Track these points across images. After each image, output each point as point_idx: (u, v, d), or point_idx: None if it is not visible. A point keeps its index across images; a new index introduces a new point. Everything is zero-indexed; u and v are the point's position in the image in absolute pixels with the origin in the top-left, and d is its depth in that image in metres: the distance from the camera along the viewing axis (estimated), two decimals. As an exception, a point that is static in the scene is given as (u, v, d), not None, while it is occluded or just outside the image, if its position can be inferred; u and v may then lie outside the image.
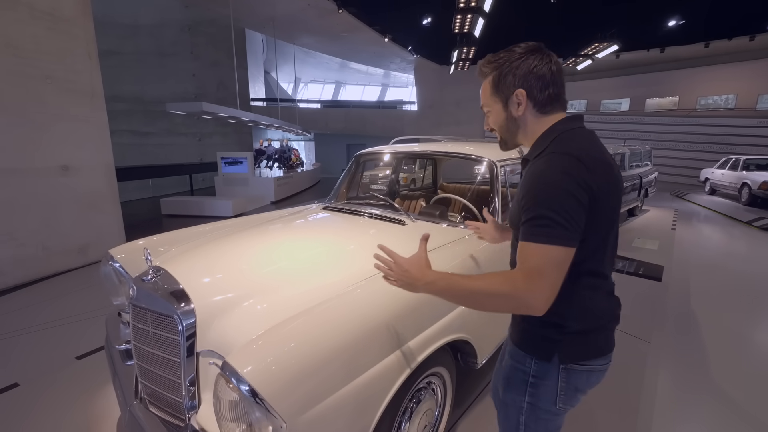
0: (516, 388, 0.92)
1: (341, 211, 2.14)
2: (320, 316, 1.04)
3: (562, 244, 0.73)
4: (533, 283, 0.73)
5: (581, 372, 0.86)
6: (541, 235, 0.74)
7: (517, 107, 0.86)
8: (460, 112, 17.60)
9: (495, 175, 1.96)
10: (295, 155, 12.89)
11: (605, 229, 0.80)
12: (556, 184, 0.73)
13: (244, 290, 1.24)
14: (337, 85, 26.78)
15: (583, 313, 0.85)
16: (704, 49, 13.38)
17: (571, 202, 0.73)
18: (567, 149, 0.77)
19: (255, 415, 0.81)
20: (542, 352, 0.87)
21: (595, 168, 0.75)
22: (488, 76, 0.90)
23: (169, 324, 1.14)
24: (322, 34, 13.58)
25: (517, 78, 0.85)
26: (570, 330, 0.85)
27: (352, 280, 1.29)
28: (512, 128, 0.91)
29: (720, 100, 15.26)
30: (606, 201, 0.77)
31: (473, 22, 9.55)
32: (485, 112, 0.95)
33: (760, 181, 7.97)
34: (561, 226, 0.72)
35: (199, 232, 2.01)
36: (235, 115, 8.75)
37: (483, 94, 0.93)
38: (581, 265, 0.79)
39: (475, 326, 1.48)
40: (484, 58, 0.91)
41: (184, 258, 1.44)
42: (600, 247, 0.81)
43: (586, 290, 0.84)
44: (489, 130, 0.98)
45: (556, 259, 0.74)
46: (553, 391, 0.87)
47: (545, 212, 0.73)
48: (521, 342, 0.91)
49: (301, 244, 1.66)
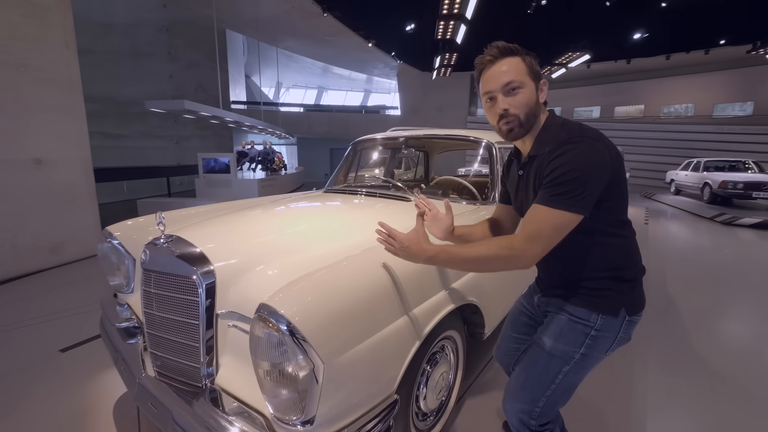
0: (572, 341, 0.96)
1: (344, 193, 2.16)
2: (347, 268, 1.05)
3: (572, 210, 0.82)
4: (530, 243, 0.84)
5: (633, 323, 0.96)
6: (556, 202, 0.83)
7: (541, 94, 0.94)
8: (443, 117, 17.96)
9: (494, 157, 2.03)
10: (278, 158, 12.72)
11: (625, 188, 0.92)
12: (592, 168, 0.83)
13: (264, 252, 1.24)
14: (319, 90, 26.74)
15: (632, 260, 0.96)
16: (666, 61, 14.34)
17: (597, 182, 0.83)
18: (593, 135, 0.86)
19: (294, 356, 0.81)
20: (611, 308, 0.93)
21: (613, 148, 0.87)
22: (518, 56, 0.91)
23: (187, 286, 1.12)
24: (306, 37, 13.60)
25: (542, 73, 0.95)
26: (628, 278, 0.94)
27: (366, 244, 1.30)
28: (537, 112, 0.93)
29: (681, 109, 16.35)
30: (623, 170, 0.90)
31: (455, 28, 9.84)
32: (513, 89, 0.89)
33: (719, 181, 8.56)
34: (577, 197, 0.82)
35: (203, 212, 1.96)
36: (218, 115, 8.57)
37: (513, 71, 0.89)
38: (620, 215, 0.92)
39: (486, 293, 1.53)
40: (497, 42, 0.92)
41: (198, 227, 1.41)
42: (626, 201, 0.94)
43: (628, 239, 0.95)
44: (504, 111, 0.91)
45: (559, 223, 0.83)
46: (610, 341, 0.95)
47: (572, 188, 0.82)
48: (585, 302, 0.95)
49: (313, 215, 1.68)
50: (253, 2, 10.36)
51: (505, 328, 1.30)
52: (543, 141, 0.93)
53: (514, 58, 0.91)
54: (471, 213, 1.79)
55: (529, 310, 1.22)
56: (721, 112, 15.33)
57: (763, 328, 2.71)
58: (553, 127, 0.93)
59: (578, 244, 0.90)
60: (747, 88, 14.54)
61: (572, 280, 0.97)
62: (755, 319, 2.88)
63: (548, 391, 0.97)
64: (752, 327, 2.75)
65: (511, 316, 1.30)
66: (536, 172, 0.93)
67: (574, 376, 0.97)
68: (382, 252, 1.21)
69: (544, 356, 0.99)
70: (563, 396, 1.00)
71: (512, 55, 0.91)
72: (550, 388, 0.97)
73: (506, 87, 0.90)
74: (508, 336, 1.28)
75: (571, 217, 0.83)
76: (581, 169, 0.82)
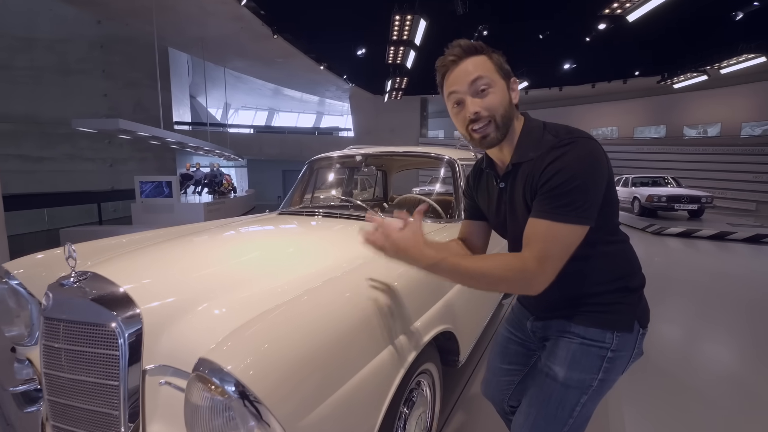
0: (588, 367, 0.86)
1: (300, 215, 1.98)
2: (308, 303, 0.89)
3: (580, 222, 0.75)
4: (543, 266, 0.75)
5: (644, 334, 0.90)
6: (561, 215, 0.75)
7: (513, 94, 0.85)
8: (396, 138, 18.34)
9: (457, 173, 1.99)
10: (227, 180, 12.08)
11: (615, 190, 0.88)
12: (592, 172, 0.76)
13: (207, 287, 1.03)
14: (270, 111, 26.26)
15: (635, 266, 0.91)
16: (591, 89, 16.06)
17: (599, 188, 0.78)
18: (582, 134, 0.80)
19: (245, 423, 0.63)
20: (624, 323, 0.86)
21: (604, 150, 0.81)
22: (483, 54, 0.83)
23: (104, 336, 0.88)
24: (256, 58, 13.35)
25: (509, 69, 0.86)
26: (634, 287, 0.88)
27: (328, 273, 1.15)
28: (512, 114, 0.84)
29: (607, 131, 18.28)
30: (612, 174, 0.84)
31: (405, 54, 10.20)
32: (482, 89, 0.80)
33: (646, 195, 9.51)
34: (582, 207, 0.75)
35: (136, 240, 1.68)
36: (158, 135, 7.95)
37: (482, 69, 0.80)
38: (615, 220, 0.87)
39: (459, 317, 1.42)
40: (463, 39, 0.85)
41: (123, 259, 1.17)
42: (618, 204, 0.90)
43: (625, 243, 0.91)
44: (475, 115, 0.81)
45: (568, 238, 0.76)
46: (627, 360, 0.88)
47: (576, 196, 0.75)
48: (596, 320, 0.86)
49: (266, 241, 1.48)
50: (198, 21, 9.99)
51: (493, 361, 1.17)
52: (526, 146, 0.84)
53: (479, 57, 0.82)
54: (438, 232, 1.71)
55: (519, 337, 1.10)
56: (640, 134, 17.32)
57: (690, 326, 3.05)
58: (535, 131, 0.85)
59: (579, 258, 0.80)
60: (660, 113, 16.61)
61: (576, 297, 0.88)
62: (683, 318, 3.20)
63: (566, 427, 0.86)
64: (681, 325, 3.05)
65: (497, 346, 1.17)
66: (526, 182, 0.83)
67: (592, 405, 0.88)
68: (347, 281, 1.07)
69: (558, 388, 0.87)
70: (580, 430, 0.90)
71: (477, 53, 0.82)
72: (568, 423, 0.86)
73: (474, 86, 0.80)
74: (497, 369, 1.14)
75: (579, 229, 0.76)
76: (582, 175, 0.75)
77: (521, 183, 0.85)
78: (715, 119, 15.18)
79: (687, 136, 15.96)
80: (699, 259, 5.64)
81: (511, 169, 0.88)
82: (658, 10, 7.54)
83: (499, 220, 0.97)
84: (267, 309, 0.84)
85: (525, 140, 0.85)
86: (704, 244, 6.60)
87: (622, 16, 8.05)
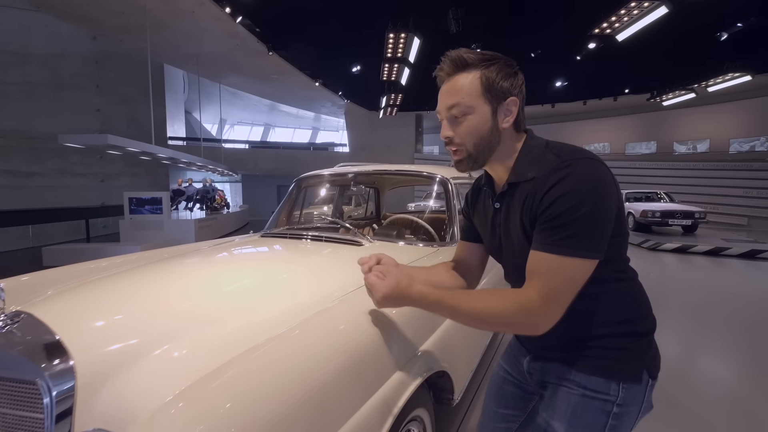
0: (591, 424, 0.74)
1: (284, 237, 1.85)
2: (266, 359, 0.74)
3: (588, 256, 0.66)
4: (551, 306, 0.66)
5: (654, 386, 0.78)
6: (566, 247, 0.66)
7: (504, 117, 0.76)
8: (391, 154, 18.40)
9: (450, 192, 1.89)
10: (220, 196, 11.93)
11: (625, 219, 0.80)
12: (600, 197, 0.66)
13: (153, 334, 0.89)
14: (266, 127, 26.37)
15: (645, 308, 0.79)
16: (583, 106, 16.34)
17: (609, 215, 0.68)
18: (588, 154, 0.71)
19: None
20: (632, 372, 0.74)
21: (612, 174, 0.71)
22: (475, 70, 0.74)
23: (25, 395, 0.74)
24: (251, 75, 13.42)
25: (514, 87, 0.76)
26: (644, 331, 0.77)
27: (303, 312, 1.02)
28: (494, 142, 0.76)
29: (599, 147, 18.51)
30: (622, 200, 0.75)
31: (400, 71, 10.29)
32: (458, 115, 0.74)
33: (640, 210, 9.51)
34: (590, 238, 0.66)
35: (89, 270, 1.54)
36: (148, 150, 7.83)
37: (464, 92, 0.73)
38: (623, 253, 0.77)
39: (453, 355, 1.29)
40: (459, 50, 0.76)
41: (62, 298, 1.02)
42: (628, 235, 0.79)
43: (634, 281, 0.79)
44: (446, 139, 0.77)
45: (575, 274, 0.66)
46: (635, 415, 0.75)
47: (582, 226, 0.65)
48: (599, 369, 0.75)
49: (232, 274, 1.33)
50: (193, 38, 10.04)
51: (488, 404, 1.04)
52: (524, 165, 0.76)
53: (468, 75, 0.74)
54: (430, 257, 1.59)
55: (515, 378, 0.98)
56: (631, 150, 17.55)
57: (685, 342, 3.00)
58: (535, 149, 0.76)
59: (582, 295, 0.70)
60: (650, 129, 16.87)
61: (578, 339, 0.77)
62: (678, 335, 3.13)
63: None
64: (676, 342, 2.99)
65: (493, 386, 1.04)
66: (524, 204, 0.74)
67: None
68: (328, 321, 0.94)
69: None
70: None
71: (467, 69, 0.74)
72: None
73: (450, 112, 0.75)
74: (493, 413, 1.02)
75: (587, 264, 0.66)
76: (589, 201, 0.65)
77: (518, 205, 0.75)
78: (704, 135, 15.44)
79: (677, 152, 16.19)
80: (696, 275, 5.57)
81: (507, 189, 0.79)
82: (646, 30, 7.69)
83: (494, 243, 0.88)
84: (217, 367, 0.70)
85: (524, 159, 0.77)
86: (700, 260, 6.55)
87: (612, 36, 8.21)
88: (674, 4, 6.85)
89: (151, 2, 7.80)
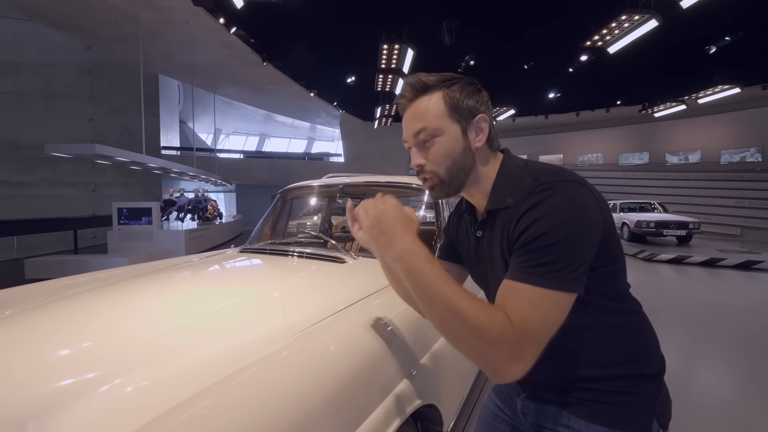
0: None
1: (263, 253, 1.75)
2: (234, 394, 0.64)
3: (563, 288, 0.56)
4: (524, 350, 0.54)
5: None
6: (538, 276, 0.57)
7: (476, 136, 0.70)
8: (386, 164, 18.43)
9: (439, 206, 1.81)
10: (212, 206, 11.80)
11: (620, 245, 0.69)
12: (578, 222, 0.58)
13: (109, 364, 0.79)
14: (261, 137, 26.39)
15: (653, 346, 0.71)
16: (576, 117, 16.53)
17: (589, 244, 0.59)
18: (570, 176, 0.63)
19: None
20: (640, 421, 0.64)
21: (598, 192, 0.63)
22: (437, 91, 0.69)
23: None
24: (246, 85, 13.44)
25: (480, 104, 0.70)
26: (651, 372, 0.68)
27: (279, 337, 0.92)
28: (467, 163, 0.70)
29: (592, 157, 18.68)
30: (613, 221, 0.66)
31: (394, 82, 10.33)
32: (426, 139, 0.69)
33: (634, 221, 9.51)
34: (567, 268, 0.57)
35: (65, 286, 1.43)
36: (137, 160, 7.72)
37: (429, 115, 0.68)
38: (621, 283, 0.69)
39: (442, 384, 1.19)
40: (417, 74, 0.71)
41: (12, 323, 0.92)
42: (624, 263, 0.70)
43: (638, 314, 0.71)
44: (418, 168, 0.72)
45: (560, 310, 0.57)
46: None
47: (558, 254, 0.57)
48: (601, 415, 0.65)
49: (203, 295, 1.23)
50: (187, 48, 10.03)
51: None
52: (502, 191, 0.69)
53: (431, 96, 0.69)
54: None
55: (507, 415, 0.88)
56: (624, 160, 17.72)
57: (684, 355, 2.93)
58: (514, 170, 0.69)
59: (574, 329, 0.62)
60: (642, 140, 17.06)
61: (574, 380, 0.68)
62: (676, 348, 3.04)
63: None
64: (675, 355, 2.90)
65: (483, 422, 0.95)
66: (503, 233, 0.66)
67: None
68: (312, 343, 0.85)
69: None
70: None
71: (428, 92, 0.70)
72: None
73: (417, 138, 0.70)
74: None
75: (561, 297, 0.56)
76: (566, 227, 0.57)
77: (498, 233, 0.67)
78: (695, 146, 15.63)
79: (669, 163, 16.35)
80: (693, 286, 5.52)
81: (486, 217, 0.71)
82: (637, 42, 7.79)
83: (480, 274, 0.80)
84: (179, 403, 0.60)
85: (501, 183, 0.70)
86: (696, 271, 6.51)
87: (603, 48, 8.31)
88: (664, 18, 6.95)
89: (145, 12, 7.79)
